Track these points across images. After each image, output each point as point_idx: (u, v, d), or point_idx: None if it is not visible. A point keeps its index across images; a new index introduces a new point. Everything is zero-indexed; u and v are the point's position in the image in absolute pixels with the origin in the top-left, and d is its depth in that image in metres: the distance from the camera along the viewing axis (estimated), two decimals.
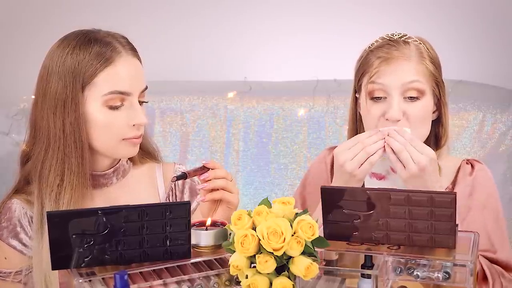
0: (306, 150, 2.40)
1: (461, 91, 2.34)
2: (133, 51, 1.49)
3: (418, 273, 1.14)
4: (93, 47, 1.43)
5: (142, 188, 1.59)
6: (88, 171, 1.46)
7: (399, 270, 1.15)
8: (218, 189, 1.49)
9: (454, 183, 1.61)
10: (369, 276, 1.13)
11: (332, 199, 1.20)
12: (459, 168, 1.63)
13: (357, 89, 1.62)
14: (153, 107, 2.53)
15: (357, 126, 1.65)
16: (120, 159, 1.56)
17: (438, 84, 1.56)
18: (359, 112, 1.62)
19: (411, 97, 1.52)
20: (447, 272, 1.13)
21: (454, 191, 1.58)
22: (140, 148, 1.54)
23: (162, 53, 2.78)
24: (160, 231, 1.16)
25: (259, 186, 2.49)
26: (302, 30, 2.71)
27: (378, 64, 1.52)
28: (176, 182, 1.59)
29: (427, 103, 1.53)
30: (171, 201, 1.58)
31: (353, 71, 1.64)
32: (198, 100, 2.46)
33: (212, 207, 1.53)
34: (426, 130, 1.56)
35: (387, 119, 1.51)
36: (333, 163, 1.72)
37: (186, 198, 1.61)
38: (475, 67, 2.58)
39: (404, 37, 1.56)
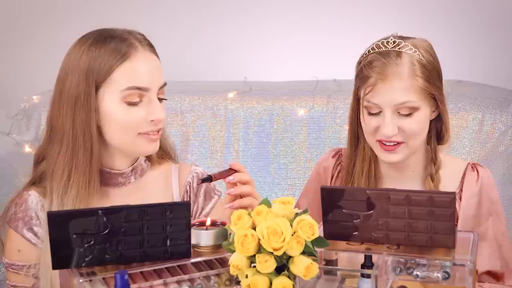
0: (306, 150, 2.39)
1: (461, 91, 2.33)
2: (151, 47, 1.49)
3: (418, 272, 1.14)
4: (109, 43, 1.42)
5: (157, 189, 1.56)
6: (96, 169, 1.44)
7: (398, 269, 1.15)
8: (245, 196, 1.43)
9: (460, 189, 1.63)
10: (368, 276, 1.14)
11: (332, 199, 1.20)
12: (464, 174, 1.65)
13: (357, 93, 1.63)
14: None
15: (357, 127, 1.66)
16: (138, 159, 1.54)
17: (433, 94, 1.56)
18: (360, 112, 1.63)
19: (404, 114, 1.54)
20: (446, 272, 1.13)
21: (462, 199, 1.62)
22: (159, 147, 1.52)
23: (162, 53, 2.77)
24: (160, 231, 1.16)
25: (259, 186, 2.48)
26: (302, 30, 2.71)
27: (372, 82, 1.55)
28: (191, 185, 1.57)
29: (421, 115, 1.55)
30: None
31: (353, 71, 1.65)
32: (198, 100, 2.46)
33: None
34: (422, 138, 1.60)
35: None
36: (333, 172, 1.73)
37: (200, 201, 1.59)
38: (475, 67, 2.57)
39: (398, 47, 1.55)
